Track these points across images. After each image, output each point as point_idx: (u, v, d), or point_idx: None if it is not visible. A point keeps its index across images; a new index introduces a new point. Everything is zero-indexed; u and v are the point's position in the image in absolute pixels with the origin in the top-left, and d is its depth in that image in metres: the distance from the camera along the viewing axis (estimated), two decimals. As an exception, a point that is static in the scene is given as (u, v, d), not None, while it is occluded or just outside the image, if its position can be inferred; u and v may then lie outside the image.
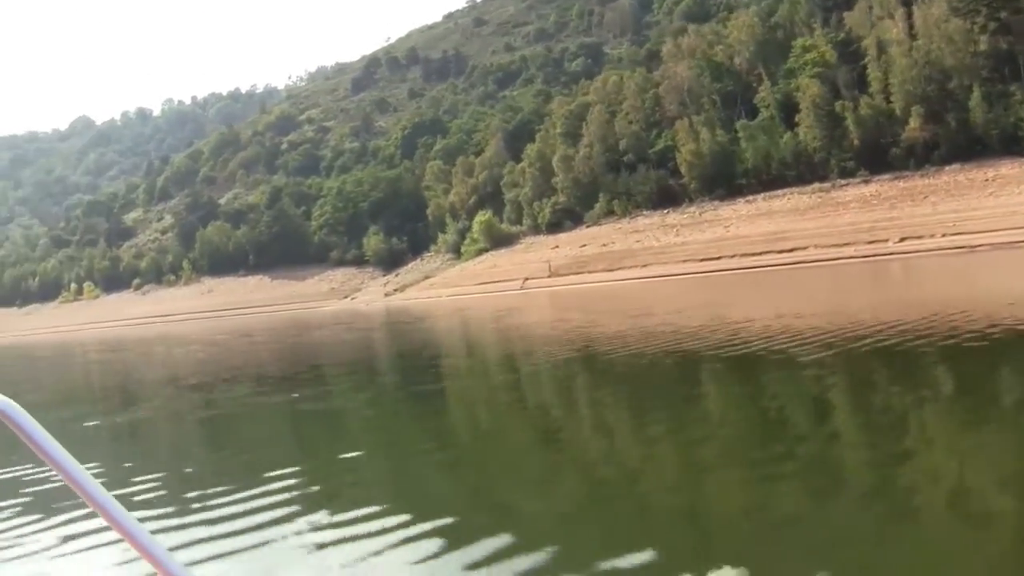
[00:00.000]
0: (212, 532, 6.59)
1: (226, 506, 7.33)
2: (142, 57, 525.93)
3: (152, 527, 6.53)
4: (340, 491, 8.10)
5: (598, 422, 11.00)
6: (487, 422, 12.00)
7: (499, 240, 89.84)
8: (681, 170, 77.29)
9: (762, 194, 71.36)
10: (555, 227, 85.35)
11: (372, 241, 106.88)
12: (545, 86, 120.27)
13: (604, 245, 75.76)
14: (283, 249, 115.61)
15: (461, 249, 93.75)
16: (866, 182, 65.95)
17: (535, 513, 6.74)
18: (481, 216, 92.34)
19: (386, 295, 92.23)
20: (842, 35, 73.39)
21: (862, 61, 70.20)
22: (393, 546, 5.92)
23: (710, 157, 75.27)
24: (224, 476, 9.01)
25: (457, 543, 5.82)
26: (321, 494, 7.93)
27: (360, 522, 6.55)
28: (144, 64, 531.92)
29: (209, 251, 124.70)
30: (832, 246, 57.44)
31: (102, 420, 15.89)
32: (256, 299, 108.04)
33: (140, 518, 5.07)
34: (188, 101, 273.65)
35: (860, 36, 71.69)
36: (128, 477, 9.00)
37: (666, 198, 77.86)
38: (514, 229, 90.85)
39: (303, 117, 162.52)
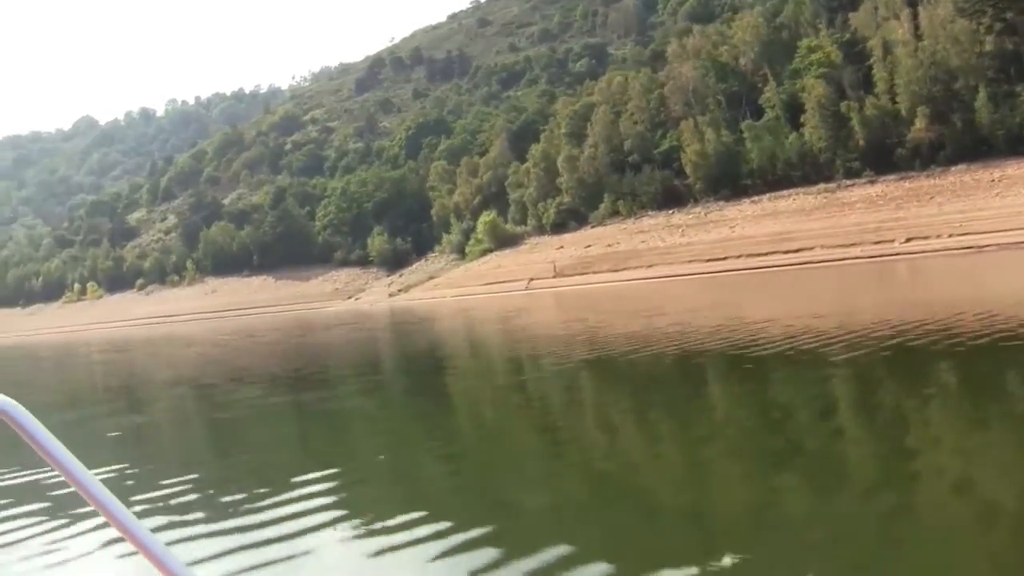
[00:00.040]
0: (245, 539, 6.57)
1: (255, 512, 7.30)
2: (145, 57, 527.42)
3: (173, 536, 6.53)
4: (376, 493, 8.08)
5: (638, 426, 10.63)
6: (515, 425, 11.70)
7: (503, 240, 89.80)
8: (686, 170, 77.28)
9: (767, 194, 71.34)
10: (560, 227, 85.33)
11: (376, 241, 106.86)
12: (549, 86, 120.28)
13: (609, 245, 75.72)
14: (287, 249, 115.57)
15: (465, 249, 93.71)
16: (872, 182, 65.90)
17: (588, 529, 6.33)
18: (485, 216, 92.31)
19: (390, 295, 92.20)
20: (847, 35, 73.42)
21: (868, 62, 70.17)
22: (437, 552, 5.88)
23: (715, 157, 75.26)
24: (251, 478, 9.01)
25: (508, 554, 5.69)
26: (359, 496, 7.90)
27: (397, 529, 6.52)
28: (147, 64, 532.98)
29: (213, 251, 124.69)
30: (838, 246, 57.37)
31: (121, 420, 15.89)
32: (260, 299, 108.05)
33: (168, 523, 5.01)
34: (192, 101, 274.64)
35: (865, 36, 71.69)
36: (156, 480, 8.97)
37: (671, 198, 77.84)
38: (519, 229, 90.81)
39: (307, 117, 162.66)
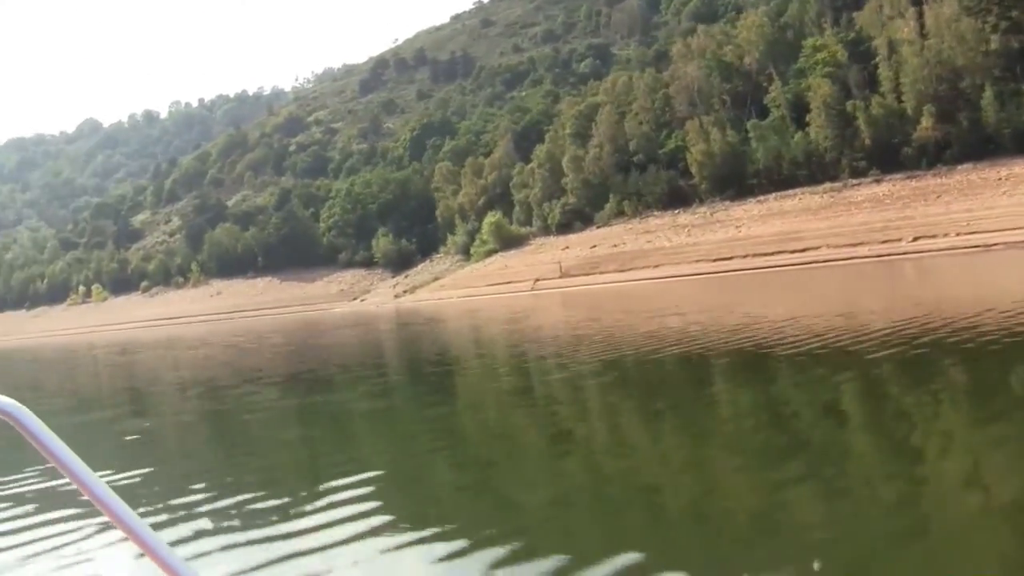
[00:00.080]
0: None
1: (286, 520, 7.30)
2: (148, 59, 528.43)
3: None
4: (417, 495, 8.12)
5: (686, 430, 9.93)
6: (552, 431, 11.03)
7: (509, 241, 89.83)
8: (692, 170, 77.29)
9: (773, 194, 71.32)
10: (565, 228, 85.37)
11: (381, 243, 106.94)
12: (553, 87, 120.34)
13: (615, 246, 75.72)
14: (292, 251, 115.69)
15: (471, 250, 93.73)
16: (878, 181, 65.86)
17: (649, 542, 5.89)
18: (491, 217, 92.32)
19: (396, 297, 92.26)
20: (852, 35, 73.43)
21: (873, 61, 70.17)
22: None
23: (721, 157, 75.28)
24: (291, 479, 9.05)
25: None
26: (393, 499, 7.93)
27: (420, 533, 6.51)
28: (150, 66, 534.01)
29: (217, 253, 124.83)
30: (845, 246, 57.31)
31: (149, 423, 15.94)
32: (265, 301, 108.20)
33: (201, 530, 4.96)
34: (195, 103, 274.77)
35: (871, 36, 71.70)
36: (185, 485, 8.96)
37: (677, 198, 77.86)
38: (524, 230, 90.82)
39: (311, 119, 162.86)
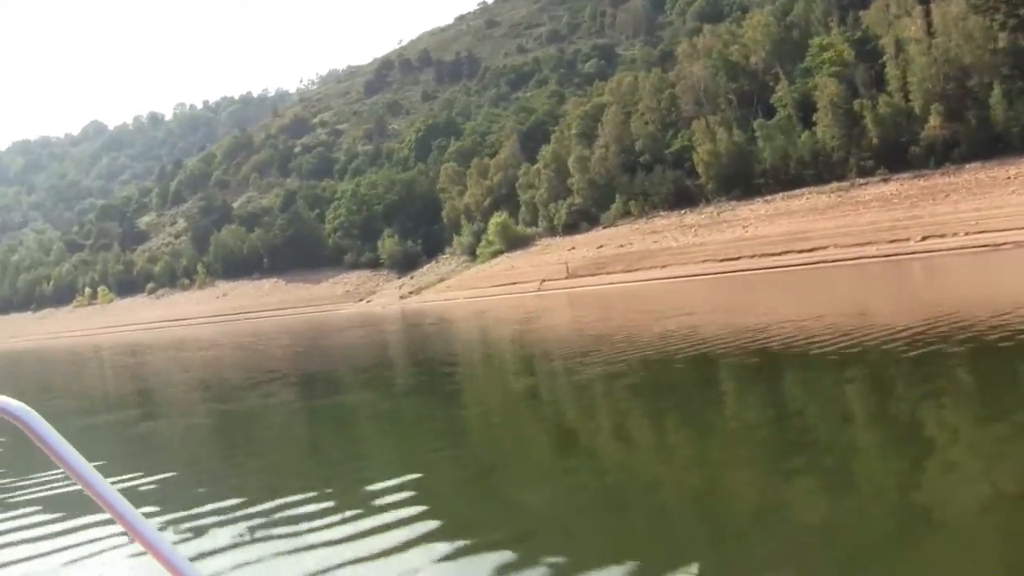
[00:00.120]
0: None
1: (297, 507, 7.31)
2: (153, 61, 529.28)
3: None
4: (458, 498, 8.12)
5: (734, 431, 9.51)
6: (592, 434, 10.72)
7: (515, 242, 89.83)
8: (698, 170, 77.22)
9: (780, 194, 71.23)
10: (571, 228, 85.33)
11: (387, 243, 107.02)
12: (558, 87, 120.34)
13: (621, 246, 75.68)
14: (297, 252, 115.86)
15: (476, 251, 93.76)
16: (885, 181, 65.74)
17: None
18: (496, 218, 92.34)
19: (401, 298, 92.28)
20: (859, 33, 73.30)
21: (880, 59, 69.99)
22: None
23: (727, 157, 75.20)
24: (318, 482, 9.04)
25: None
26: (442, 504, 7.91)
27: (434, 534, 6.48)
28: (155, 68, 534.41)
29: (223, 255, 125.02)
30: (853, 245, 57.21)
31: (167, 423, 15.96)
32: (271, 302, 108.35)
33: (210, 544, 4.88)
34: (200, 105, 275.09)
35: (877, 34, 71.56)
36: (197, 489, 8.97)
37: (683, 198, 77.79)
38: (530, 231, 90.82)
39: (316, 120, 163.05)
